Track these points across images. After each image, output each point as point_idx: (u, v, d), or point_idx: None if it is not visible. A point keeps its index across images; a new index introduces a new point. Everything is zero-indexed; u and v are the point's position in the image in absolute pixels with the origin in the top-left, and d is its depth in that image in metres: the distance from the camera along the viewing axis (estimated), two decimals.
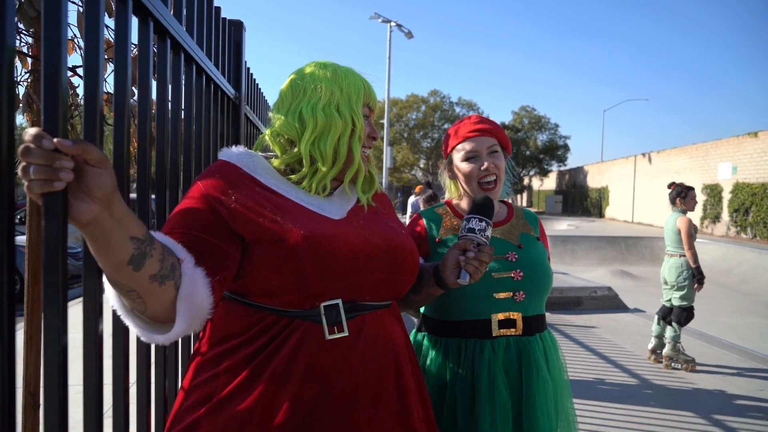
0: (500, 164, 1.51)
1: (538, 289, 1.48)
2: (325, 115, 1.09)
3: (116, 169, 1.03)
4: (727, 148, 18.83)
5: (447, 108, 38.14)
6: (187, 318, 0.91)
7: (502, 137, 1.54)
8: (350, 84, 1.13)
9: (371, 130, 1.18)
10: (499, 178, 1.50)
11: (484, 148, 1.49)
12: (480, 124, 1.52)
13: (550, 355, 1.49)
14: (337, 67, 1.15)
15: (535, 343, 1.46)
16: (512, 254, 1.49)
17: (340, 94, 1.11)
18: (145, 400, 1.21)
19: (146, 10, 1.12)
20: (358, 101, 1.13)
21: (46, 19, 0.74)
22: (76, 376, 1.18)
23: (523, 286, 1.46)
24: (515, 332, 1.45)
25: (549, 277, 1.52)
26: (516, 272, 1.46)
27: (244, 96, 2.35)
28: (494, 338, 1.44)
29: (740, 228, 17.67)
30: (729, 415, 3.50)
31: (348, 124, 1.11)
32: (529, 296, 1.47)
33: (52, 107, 0.73)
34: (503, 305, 1.45)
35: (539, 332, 1.50)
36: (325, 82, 1.11)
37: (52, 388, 0.77)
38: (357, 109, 1.12)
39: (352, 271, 1.02)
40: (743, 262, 11.28)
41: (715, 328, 5.95)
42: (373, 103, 1.18)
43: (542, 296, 1.51)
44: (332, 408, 0.99)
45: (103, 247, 0.78)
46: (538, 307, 1.50)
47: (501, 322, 1.45)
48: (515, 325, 1.45)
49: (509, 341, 1.44)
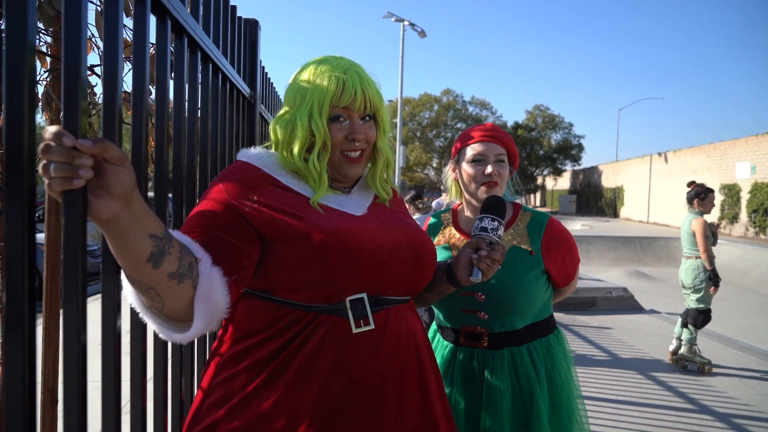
0: (504, 173, 1.53)
1: (502, 310, 1.48)
2: (283, 129, 1.10)
3: (134, 167, 1.03)
4: (746, 148, 18.52)
5: (460, 107, 38.02)
6: (205, 317, 0.92)
7: (512, 149, 1.57)
8: (314, 91, 1.07)
9: (350, 131, 1.09)
10: (500, 186, 1.52)
11: (492, 154, 1.52)
12: (493, 131, 1.56)
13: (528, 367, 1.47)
14: (315, 69, 1.09)
15: (499, 357, 1.47)
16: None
17: (302, 102, 1.08)
18: (162, 398, 1.22)
19: (164, 8, 1.12)
20: (324, 108, 1.06)
21: (66, 18, 0.74)
22: (94, 373, 1.19)
23: (485, 307, 1.49)
24: (479, 345, 1.50)
25: (518, 299, 1.47)
26: (477, 294, 1.49)
27: (259, 95, 2.36)
28: (460, 346, 1.53)
29: (759, 229, 17.38)
30: (747, 419, 3.44)
31: (303, 137, 1.07)
32: (493, 316, 1.49)
33: (71, 106, 0.73)
34: (469, 320, 1.52)
35: (512, 346, 1.49)
36: (292, 93, 1.11)
37: (72, 384, 0.77)
38: (318, 119, 1.06)
39: (377, 264, 1.03)
40: (762, 263, 11.09)
41: (733, 330, 5.85)
42: (349, 100, 1.07)
43: (511, 316, 1.49)
44: (360, 401, 1.00)
45: (123, 244, 0.78)
46: (508, 325, 1.49)
47: (468, 334, 1.52)
48: (480, 338, 1.50)
49: (473, 352, 1.51)
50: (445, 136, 38.14)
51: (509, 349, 1.49)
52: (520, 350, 1.49)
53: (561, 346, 1.57)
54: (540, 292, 1.52)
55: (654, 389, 3.96)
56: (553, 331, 1.58)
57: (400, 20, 18.66)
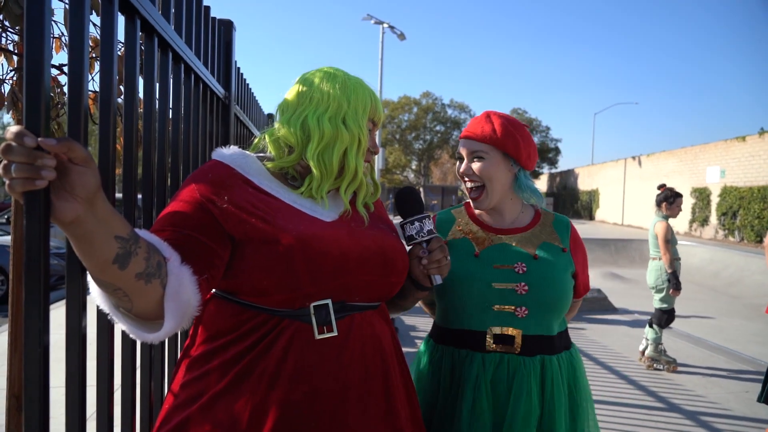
0: (483, 170, 1.40)
1: (544, 306, 1.35)
2: (332, 127, 1.09)
3: (102, 168, 1.02)
4: (716, 152, 19.02)
5: (439, 110, 38.21)
6: (175, 316, 0.91)
7: (498, 143, 1.39)
8: (358, 97, 1.12)
9: (373, 144, 1.19)
10: (485, 186, 1.41)
11: (467, 152, 1.43)
12: (476, 127, 1.42)
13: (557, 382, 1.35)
14: (347, 78, 1.14)
15: (532, 366, 1.33)
16: (521, 265, 1.38)
17: (347, 107, 1.11)
18: (129, 402, 1.20)
19: (133, 8, 1.11)
20: (365, 115, 1.13)
21: (29, 14, 0.73)
22: (62, 378, 1.16)
23: (527, 301, 1.34)
24: (511, 350, 1.34)
25: (560, 296, 1.37)
26: (520, 285, 1.35)
27: (234, 96, 2.34)
28: (486, 353, 1.35)
29: (728, 231, 17.85)
30: (714, 416, 3.53)
31: (354, 138, 1.11)
32: (533, 313, 1.35)
33: (34, 105, 0.72)
34: (502, 319, 1.35)
35: (545, 354, 1.36)
36: (334, 93, 1.11)
37: (33, 388, 0.76)
38: (363, 123, 1.12)
39: (343, 272, 1.03)
40: (731, 265, 11.39)
41: (702, 330, 6.00)
42: (378, 117, 1.18)
43: (550, 315, 1.37)
44: (322, 407, 1.00)
45: (87, 246, 0.77)
46: (545, 327, 1.37)
47: (497, 337, 1.35)
48: (513, 342, 1.34)
49: (503, 358, 1.34)
50: (425, 138, 38.30)
51: (541, 357, 1.35)
52: (551, 360, 1.35)
53: (580, 362, 1.45)
54: (571, 294, 1.42)
55: (626, 388, 4.04)
56: (571, 345, 1.47)
57: (380, 23, 18.69)
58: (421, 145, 38.60)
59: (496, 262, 1.39)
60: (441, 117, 38.16)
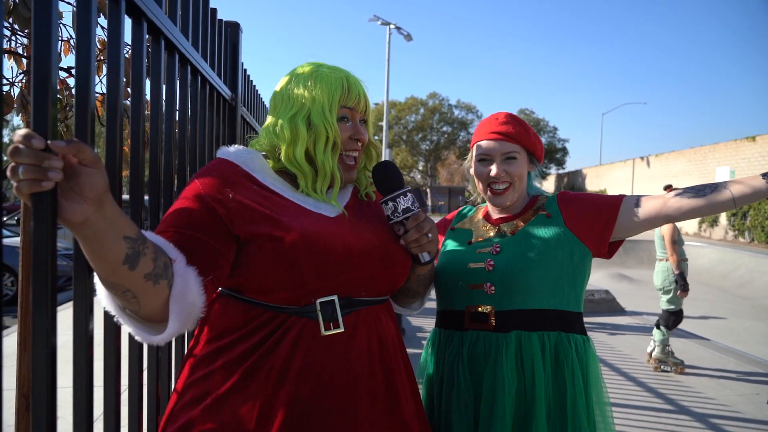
0: (515, 171, 1.40)
1: (510, 281, 1.33)
2: (291, 126, 1.09)
3: (108, 170, 1.03)
4: (725, 152, 18.88)
5: (446, 111, 38.21)
6: (180, 317, 0.92)
7: (527, 142, 1.42)
8: (323, 89, 1.10)
9: (354, 131, 1.14)
10: (512, 185, 1.41)
11: (499, 153, 1.40)
12: (502, 126, 1.41)
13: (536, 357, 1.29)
14: (316, 70, 1.12)
15: (505, 341, 1.30)
16: (496, 246, 1.40)
17: (312, 103, 1.09)
18: (136, 402, 1.21)
19: (139, 10, 1.11)
20: (333, 107, 1.10)
21: (36, 17, 0.73)
22: (70, 378, 1.17)
23: (493, 277, 1.35)
24: (486, 327, 1.34)
25: (528, 267, 1.32)
26: (487, 262, 1.37)
27: (241, 97, 2.35)
28: (465, 331, 1.37)
29: (738, 232, 17.70)
30: (724, 419, 3.50)
31: (320, 134, 1.08)
32: (500, 289, 1.34)
33: (41, 107, 0.72)
34: (475, 297, 1.37)
35: (522, 329, 1.32)
36: (297, 90, 1.11)
37: (41, 389, 0.76)
38: (330, 117, 1.09)
39: (347, 267, 1.04)
40: (741, 266, 11.30)
41: (712, 332, 5.95)
42: (354, 102, 1.13)
43: (521, 290, 1.33)
44: (331, 403, 1.00)
45: (97, 247, 0.78)
46: (519, 300, 1.33)
47: (472, 315, 1.37)
48: (486, 319, 1.35)
49: (479, 336, 1.34)
50: (431, 139, 38.29)
51: (517, 333, 1.32)
52: (529, 336, 1.31)
53: (581, 352, 1.35)
54: (562, 266, 1.35)
55: (634, 390, 4.01)
56: (579, 333, 1.37)
57: (386, 24, 18.70)
58: (427, 146, 38.60)
59: (480, 247, 1.43)
60: (448, 118, 38.15)
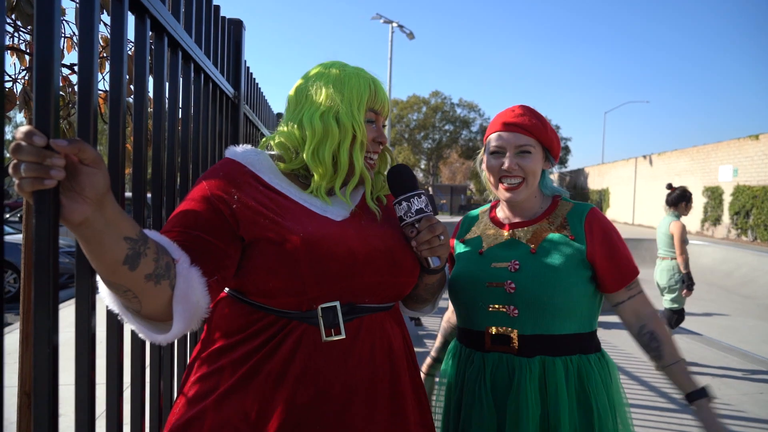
0: (528, 166, 1.33)
1: (534, 305, 1.28)
2: (323, 123, 1.07)
3: (111, 168, 1.02)
4: (728, 151, 18.81)
5: (448, 109, 38.13)
6: (184, 318, 0.91)
7: (543, 136, 1.36)
8: (353, 89, 1.09)
9: (378, 134, 1.14)
10: (526, 180, 1.34)
11: (513, 146, 1.34)
12: (517, 118, 1.35)
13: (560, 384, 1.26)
14: (343, 70, 1.12)
15: (529, 367, 1.27)
16: (514, 263, 1.32)
17: (340, 101, 1.08)
18: (139, 400, 1.21)
19: (143, 7, 1.11)
20: (361, 107, 1.09)
21: (38, 14, 0.73)
22: (73, 376, 1.17)
23: (515, 300, 1.29)
24: (509, 350, 1.29)
25: (552, 294, 1.27)
26: (508, 284, 1.30)
27: (244, 95, 2.34)
28: (486, 352, 1.32)
29: (741, 231, 17.65)
30: (729, 418, 3.49)
31: (347, 132, 1.08)
32: (524, 313, 1.28)
33: (43, 104, 0.72)
34: (498, 319, 1.31)
35: (546, 355, 1.28)
36: (326, 88, 1.09)
37: (42, 386, 0.76)
38: (358, 117, 1.09)
39: (350, 274, 1.02)
40: (744, 264, 11.26)
41: (715, 331, 5.94)
42: (380, 106, 1.13)
43: (544, 314, 1.28)
44: (327, 410, 0.99)
45: (96, 248, 0.77)
46: (543, 327, 1.28)
47: (494, 337, 1.31)
48: (510, 342, 1.29)
49: (502, 358, 1.30)
50: (433, 137, 38.23)
51: (541, 358, 1.27)
52: (554, 362, 1.27)
53: (603, 369, 1.32)
54: (581, 290, 1.30)
55: (637, 389, 4.00)
56: (595, 351, 1.34)
57: (389, 22, 18.69)
58: (430, 145, 38.54)
59: (495, 260, 1.35)
60: (450, 116, 38.07)
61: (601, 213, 1.39)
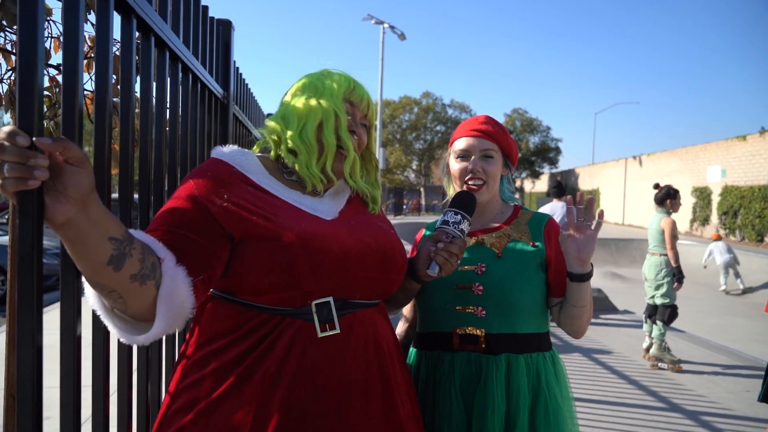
0: (490, 170, 1.44)
1: (501, 306, 1.36)
2: (303, 105, 1.12)
3: (97, 168, 1.01)
4: (717, 152, 19.01)
5: (439, 110, 38.17)
6: (167, 318, 0.90)
7: (504, 143, 1.48)
8: (332, 80, 1.16)
9: (353, 123, 1.17)
10: (486, 183, 1.44)
11: (477, 150, 1.44)
12: (482, 125, 1.47)
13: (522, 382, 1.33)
14: (328, 70, 1.19)
15: (496, 364, 1.34)
16: (480, 266, 1.40)
17: (322, 88, 1.14)
18: (126, 404, 1.20)
19: (129, 7, 1.10)
20: (339, 92, 1.14)
21: (22, 14, 0.72)
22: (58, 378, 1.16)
23: (483, 301, 1.37)
24: (477, 348, 1.36)
25: (518, 295, 1.37)
26: (476, 286, 1.38)
27: (233, 95, 2.33)
28: (455, 352, 1.38)
29: (729, 230, 17.83)
30: (715, 416, 3.53)
31: (329, 113, 1.11)
32: (492, 313, 1.37)
33: (27, 104, 0.71)
34: (464, 319, 1.38)
35: (511, 352, 1.36)
36: (310, 79, 1.17)
37: (26, 389, 0.75)
38: (337, 102, 1.13)
39: (344, 269, 1.03)
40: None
41: (703, 330, 6.00)
42: (357, 98, 1.18)
43: (511, 314, 1.37)
44: (326, 405, 0.99)
45: (80, 248, 0.77)
46: (509, 325, 1.37)
47: (462, 337, 1.38)
48: (477, 340, 1.37)
49: (470, 357, 1.37)
50: (425, 138, 38.27)
51: (507, 355, 1.35)
52: (518, 359, 1.35)
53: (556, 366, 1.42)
54: (542, 291, 1.41)
55: (626, 388, 4.03)
56: (548, 349, 1.44)
57: (380, 23, 18.67)
58: (421, 145, 38.56)
59: (462, 263, 1.41)
60: (441, 117, 38.11)
61: (558, 224, 1.50)
